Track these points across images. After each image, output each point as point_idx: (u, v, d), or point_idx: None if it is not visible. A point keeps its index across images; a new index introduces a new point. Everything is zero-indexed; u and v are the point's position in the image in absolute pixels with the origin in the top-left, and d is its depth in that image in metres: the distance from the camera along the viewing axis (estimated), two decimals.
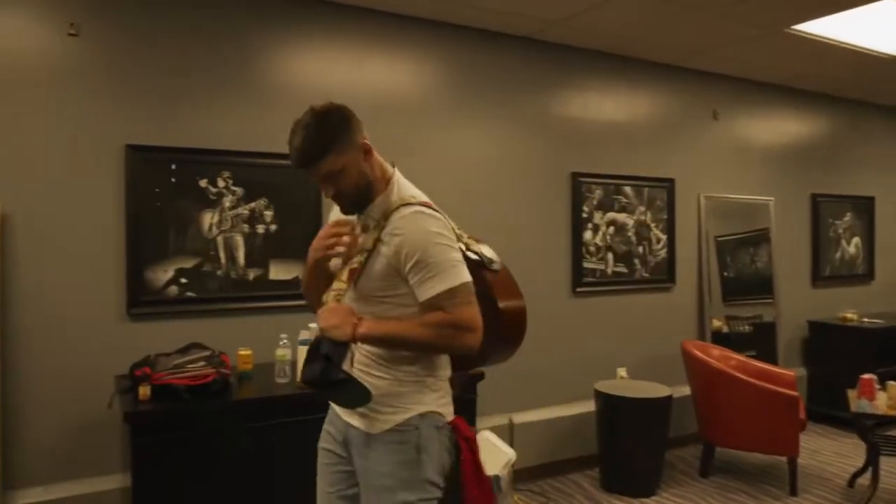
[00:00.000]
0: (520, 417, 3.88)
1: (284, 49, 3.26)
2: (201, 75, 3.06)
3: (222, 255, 3.08)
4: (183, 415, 2.48)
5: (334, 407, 1.83)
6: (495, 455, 3.31)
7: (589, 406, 3.99)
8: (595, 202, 4.19)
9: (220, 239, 3.08)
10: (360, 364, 1.68)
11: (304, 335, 2.86)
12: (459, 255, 1.67)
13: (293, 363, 2.85)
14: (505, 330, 1.82)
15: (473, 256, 1.79)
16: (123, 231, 2.90)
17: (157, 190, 2.94)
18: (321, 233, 1.70)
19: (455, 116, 3.73)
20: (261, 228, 3.16)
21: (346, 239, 1.66)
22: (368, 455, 1.70)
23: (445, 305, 1.58)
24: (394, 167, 1.79)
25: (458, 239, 1.76)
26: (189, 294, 3.01)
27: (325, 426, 1.87)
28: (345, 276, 1.67)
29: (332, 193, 1.67)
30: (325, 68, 3.35)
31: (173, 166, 2.98)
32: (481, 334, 1.62)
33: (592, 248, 4.18)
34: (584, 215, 4.15)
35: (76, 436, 2.82)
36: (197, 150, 3.03)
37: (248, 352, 2.85)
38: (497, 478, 3.18)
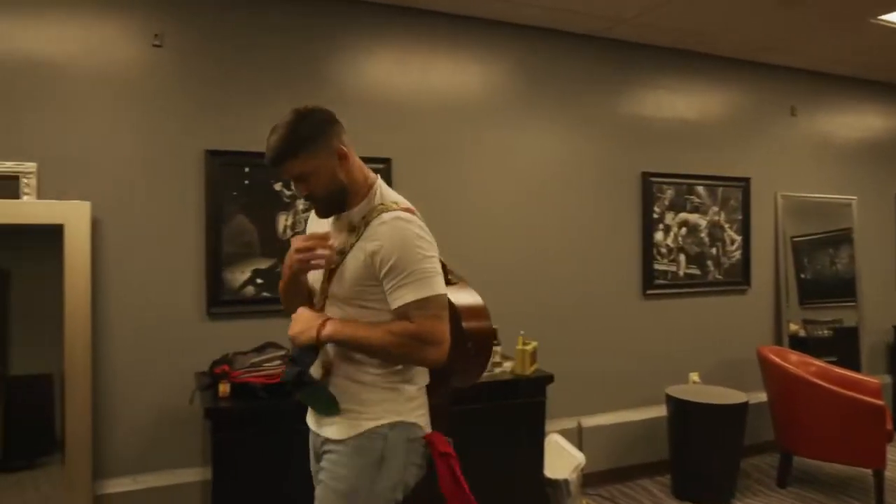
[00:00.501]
0: (588, 421, 3.83)
1: (353, 54, 3.32)
2: (275, 82, 3.15)
3: None
4: (259, 412, 2.56)
5: (309, 421, 1.81)
6: (564, 458, 3.29)
7: (659, 411, 3.91)
8: (666, 202, 4.10)
9: (293, 240, 3.15)
10: (340, 369, 1.66)
11: None
12: (437, 266, 1.63)
13: None
14: (468, 350, 1.76)
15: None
16: (203, 233, 3.01)
17: (235, 193, 3.05)
18: (296, 244, 1.67)
19: (521, 117, 3.72)
20: None
21: (321, 252, 1.63)
22: (331, 458, 1.67)
23: (414, 315, 1.56)
24: (377, 175, 1.77)
25: None
26: (265, 294, 3.10)
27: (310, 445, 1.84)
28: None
29: (305, 195, 1.68)
30: (392, 72, 3.39)
31: (247, 170, 3.07)
32: (447, 350, 1.59)
33: (664, 250, 4.09)
34: (655, 216, 4.06)
35: (161, 430, 2.95)
36: None
37: None
38: (566, 482, 3.16)
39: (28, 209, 2.71)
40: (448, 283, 1.73)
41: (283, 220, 3.13)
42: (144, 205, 2.94)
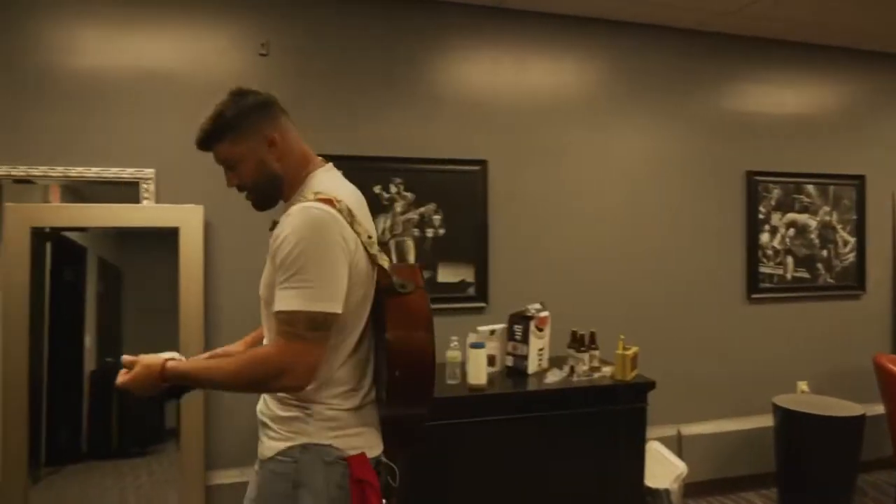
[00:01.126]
0: (688, 429, 3.70)
1: (449, 55, 3.33)
2: (374, 86, 3.21)
3: (394, 257, 3.20)
4: None
5: None
6: (665, 467, 3.19)
7: (765, 420, 3.73)
8: (773, 202, 3.90)
9: (392, 243, 3.20)
10: None
11: (473, 338, 2.90)
12: (336, 272, 1.39)
13: (462, 365, 2.90)
14: (395, 367, 1.48)
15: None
16: None
17: None
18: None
19: (618, 116, 3.63)
20: (430, 232, 3.25)
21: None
22: (253, 481, 1.58)
23: (279, 329, 1.38)
24: (326, 165, 1.61)
25: (368, 248, 1.49)
26: None
27: None
28: None
29: (234, 184, 1.56)
30: (488, 73, 3.39)
31: (348, 174, 3.13)
32: (308, 376, 1.39)
33: (770, 252, 3.90)
34: (761, 216, 3.87)
35: None
36: (371, 157, 3.18)
37: None
38: (667, 491, 3.06)
39: (147, 213, 2.87)
40: (394, 292, 1.52)
41: (382, 223, 3.19)
42: (252, 209, 3.05)
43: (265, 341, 1.59)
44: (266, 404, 1.56)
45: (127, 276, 3.02)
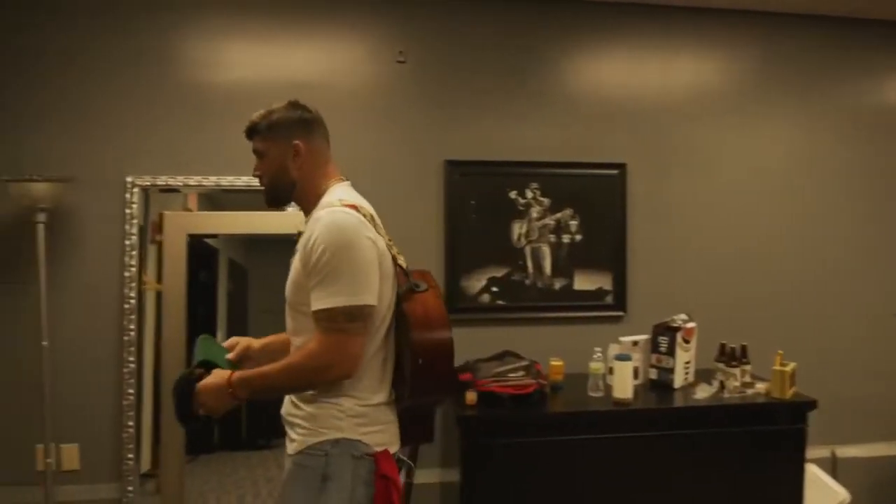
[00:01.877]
0: (844, 451, 3.41)
1: (585, 55, 3.23)
2: (510, 90, 3.15)
3: (530, 264, 3.14)
4: (506, 422, 2.56)
5: None
6: (824, 493, 2.95)
7: None
8: None
9: (527, 249, 3.14)
10: None
11: (618, 349, 2.80)
12: (366, 271, 1.54)
13: (605, 377, 2.80)
14: (419, 367, 1.60)
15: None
16: (443, 241, 3.10)
17: (472, 202, 3.09)
18: None
19: (769, 115, 3.38)
20: (566, 238, 3.17)
21: None
22: (283, 476, 1.66)
23: (319, 327, 1.52)
24: (343, 183, 1.75)
25: (390, 249, 1.67)
26: (499, 302, 3.12)
27: None
28: None
29: (256, 174, 1.75)
30: (627, 71, 3.25)
31: (485, 179, 3.11)
32: (352, 365, 1.52)
33: None
34: None
35: None
36: (506, 162, 3.13)
37: (560, 363, 2.85)
38: None
39: (285, 219, 2.95)
40: (412, 291, 1.66)
41: (518, 228, 3.13)
42: (388, 213, 3.06)
43: (293, 345, 1.69)
44: (295, 405, 1.64)
45: (252, 276, 3.14)
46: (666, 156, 3.29)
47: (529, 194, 3.14)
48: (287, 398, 1.69)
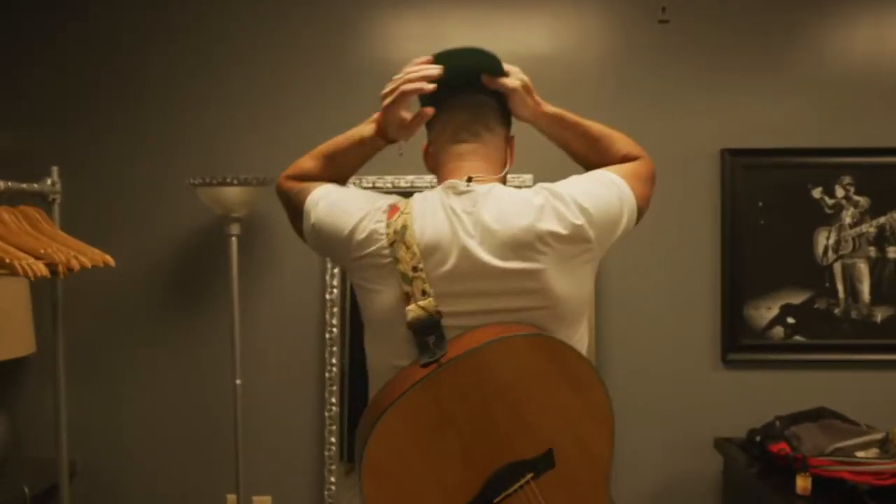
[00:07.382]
0: None
1: (840, 20, 2.35)
2: (801, 55, 2.34)
3: (840, 287, 2.32)
4: None
5: None
6: None
7: None
8: None
9: (837, 266, 2.33)
10: None
11: None
12: None
13: None
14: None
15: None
16: (719, 256, 2.35)
17: (760, 204, 2.32)
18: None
19: None
20: (892, 252, 2.32)
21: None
22: None
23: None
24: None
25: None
26: (797, 338, 2.32)
27: None
28: None
29: None
30: None
31: (778, 173, 2.32)
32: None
33: None
34: None
35: (664, 494, 2.38)
36: (808, 150, 2.32)
37: None
38: None
39: None
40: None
41: (824, 239, 2.32)
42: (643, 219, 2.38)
43: None
44: None
45: None
46: None
47: (840, 192, 2.32)
48: None
